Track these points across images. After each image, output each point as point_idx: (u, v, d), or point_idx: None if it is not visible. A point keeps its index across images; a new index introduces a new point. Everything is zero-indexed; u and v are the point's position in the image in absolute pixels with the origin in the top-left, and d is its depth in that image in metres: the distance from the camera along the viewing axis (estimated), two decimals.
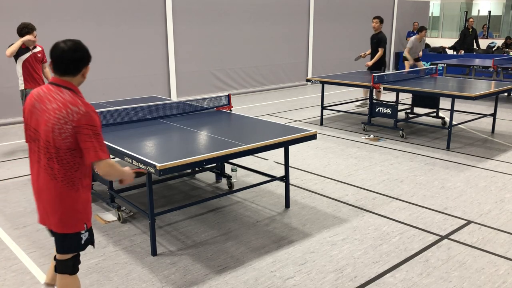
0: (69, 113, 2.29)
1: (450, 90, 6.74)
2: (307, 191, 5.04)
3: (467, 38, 14.31)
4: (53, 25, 8.64)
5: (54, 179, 2.37)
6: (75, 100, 2.33)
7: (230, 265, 3.51)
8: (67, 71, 2.36)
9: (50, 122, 2.31)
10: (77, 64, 2.37)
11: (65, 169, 2.37)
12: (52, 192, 2.39)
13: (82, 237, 2.50)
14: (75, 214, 2.44)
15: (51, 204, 2.42)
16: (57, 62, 2.35)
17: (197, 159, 3.40)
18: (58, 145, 2.32)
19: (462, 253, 3.67)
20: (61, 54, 2.33)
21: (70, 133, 2.30)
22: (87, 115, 2.31)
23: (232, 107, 5.39)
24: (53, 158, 2.35)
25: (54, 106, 2.32)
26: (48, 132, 2.32)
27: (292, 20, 12.81)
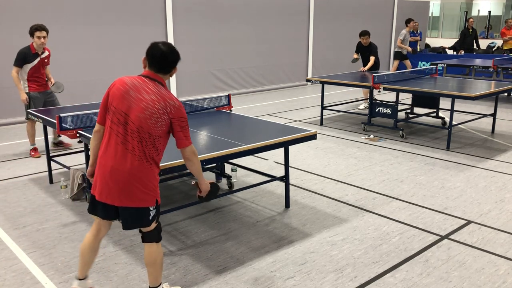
0: (167, 105, 2.66)
1: (450, 90, 6.74)
2: (307, 191, 5.04)
3: (467, 38, 14.32)
4: (53, 25, 8.61)
5: (139, 160, 2.67)
6: (170, 95, 2.71)
7: (230, 265, 3.51)
8: (165, 70, 2.76)
9: (148, 111, 2.63)
10: (172, 65, 2.78)
11: (151, 151, 2.69)
12: (135, 171, 2.66)
13: (150, 213, 2.77)
14: (151, 191, 2.75)
15: (131, 182, 2.66)
16: (156, 61, 2.72)
17: None
18: (151, 131, 2.65)
19: (462, 253, 3.67)
20: (165, 55, 2.72)
21: (165, 122, 2.66)
22: (181, 109, 2.71)
23: (232, 107, 5.39)
24: (142, 141, 2.65)
25: (153, 97, 2.65)
26: (144, 119, 2.63)
27: (292, 20, 12.81)
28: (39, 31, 5.82)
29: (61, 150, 6.44)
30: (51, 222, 4.29)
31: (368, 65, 9.32)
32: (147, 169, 2.70)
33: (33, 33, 5.84)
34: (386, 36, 16.23)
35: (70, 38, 8.87)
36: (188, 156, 2.78)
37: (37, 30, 5.81)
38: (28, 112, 5.45)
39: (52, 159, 5.42)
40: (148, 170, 2.71)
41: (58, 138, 6.62)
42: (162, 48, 2.73)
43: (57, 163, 5.42)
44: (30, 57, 5.96)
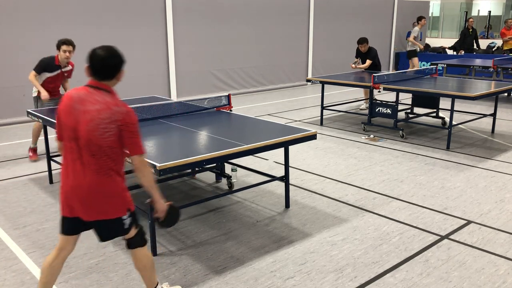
0: (112, 113, 2.51)
1: (450, 90, 6.74)
2: (307, 191, 5.04)
3: (467, 38, 14.32)
4: (53, 26, 8.64)
5: (96, 173, 2.56)
6: (116, 102, 2.56)
7: (230, 265, 3.51)
8: (106, 76, 2.59)
9: (94, 122, 2.50)
10: (114, 70, 2.60)
11: (107, 163, 2.57)
12: (94, 184, 2.57)
13: (124, 222, 2.70)
14: (118, 202, 2.65)
15: (93, 196, 2.58)
16: (97, 68, 2.58)
17: (197, 159, 3.40)
18: (100, 142, 2.52)
19: (462, 253, 3.67)
20: (101, 62, 2.57)
21: (114, 131, 2.52)
22: (129, 115, 2.55)
23: (232, 107, 5.39)
24: (95, 154, 2.54)
25: (98, 107, 2.52)
26: (92, 131, 2.51)
27: (292, 20, 12.80)
28: (66, 45, 5.79)
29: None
30: (51, 222, 4.29)
31: (363, 66, 9.30)
32: (106, 181, 2.58)
33: (60, 46, 5.81)
34: (386, 36, 16.23)
35: (70, 37, 8.86)
36: (137, 166, 2.61)
37: (64, 44, 5.79)
38: (29, 112, 5.44)
39: (52, 159, 5.42)
40: (108, 181, 2.59)
41: None
42: (101, 54, 2.57)
43: (57, 163, 5.42)
44: (51, 68, 5.89)
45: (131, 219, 2.75)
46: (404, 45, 16.78)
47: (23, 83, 8.32)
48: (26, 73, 8.33)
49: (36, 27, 8.45)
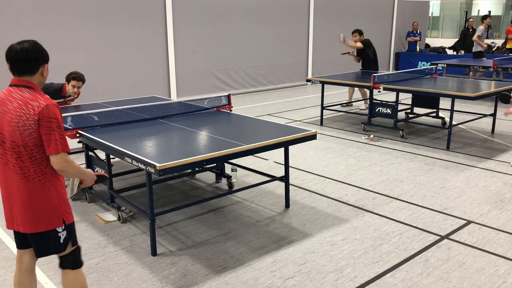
0: (29, 108, 2.31)
1: (450, 90, 6.74)
2: (307, 191, 5.04)
3: (467, 38, 14.32)
4: (52, 26, 8.64)
5: (24, 178, 2.38)
6: (34, 96, 2.35)
7: (230, 265, 3.51)
8: (24, 71, 2.39)
9: (13, 121, 2.33)
10: (33, 64, 2.38)
11: (34, 166, 2.38)
12: (23, 191, 2.39)
13: (60, 235, 2.48)
14: (49, 211, 2.43)
15: (24, 204, 2.40)
16: (13, 63, 2.38)
17: (197, 159, 3.40)
18: (24, 143, 2.34)
19: (462, 253, 3.67)
20: (16, 55, 2.36)
21: (33, 128, 2.32)
22: (47, 108, 2.32)
23: (232, 107, 5.39)
24: (21, 157, 2.36)
25: (15, 105, 2.34)
26: (13, 131, 2.34)
27: (292, 20, 12.80)
28: (76, 81, 5.60)
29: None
30: None
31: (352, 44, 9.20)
32: (36, 188, 2.38)
33: (70, 80, 5.66)
34: (386, 36, 16.23)
35: (70, 38, 8.87)
36: (58, 167, 2.37)
37: (74, 80, 5.61)
38: None
39: None
40: (37, 188, 2.38)
41: None
42: (17, 48, 2.36)
43: None
44: (56, 96, 5.78)
45: (68, 233, 2.51)
46: (403, 45, 16.78)
47: None
48: None
49: (36, 27, 8.45)
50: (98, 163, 4.42)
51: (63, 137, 2.37)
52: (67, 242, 2.53)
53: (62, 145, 2.35)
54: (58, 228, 2.46)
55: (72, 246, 2.57)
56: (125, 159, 3.52)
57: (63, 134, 2.38)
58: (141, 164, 3.34)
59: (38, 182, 2.39)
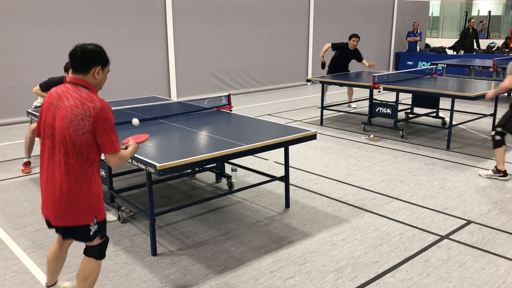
0: (86, 109, 2.42)
1: (450, 90, 6.74)
2: (307, 191, 5.04)
3: (467, 38, 14.34)
4: (53, 26, 8.64)
5: (67, 174, 2.46)
6: (91, 97, 2.46)
7: (230, 265, 3.51)
8: (78, 69, 2.52)
9: (67, 118, 2.42)
10: (85, 63, 2.51)
11: (79, 164, 2.47)
12: (64, 187, 2.47)
13: (90, 229, 2.60)
14: (86, 208, 2.53)
15: (63, 199, 2.49)
16: (70, 60, 2.53)
17: (197, 159, 3.40)
18: (74, 140, 2.43)
19: (462, 253, 3.67)
20: (73, 52, 2.52)
21: (87, 128, 2.42)
22: (104, 110, 2.45)
23: (232, 107, 5.39)
24: (68, 153, 2.45)
25: (72, 103, 2.44)
26: (65, 128, 2.43)
27: (292, 20, 12.81)
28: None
29: None
30: None
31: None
32: (77, 185, 2.48)
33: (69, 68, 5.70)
34: (386, 36, 16.23)
35: (70, 38, 8.87)
36: (113, 164, 2.55)
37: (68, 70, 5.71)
38: (29, 112, 5.44)
39: None
40: (77, 185, 2.48)
41: None
42: (76, 46, 2.53)
43: None
44: None
45: (99, 227, 2.63)
46: (404, 45, 16.78)
47: (23, 83, 8.34)
48: (26, 73, 8.37)
49: (36, 27, 8.45)
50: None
51: (115, 139, 2.52)
52: (96, 236, 2.65)
53: (113, 147, 2.50)
54: (90, 224, 2.58)
55: (100, 239, 2.69)
56: None
57: (116, 135, 2.53)
58: (141, 164, 3.34)
59: (80, 180, 2.48)
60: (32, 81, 8.07)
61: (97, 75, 2.56)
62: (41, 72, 7.95)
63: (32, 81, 8.07)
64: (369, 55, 15.50)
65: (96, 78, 2.56)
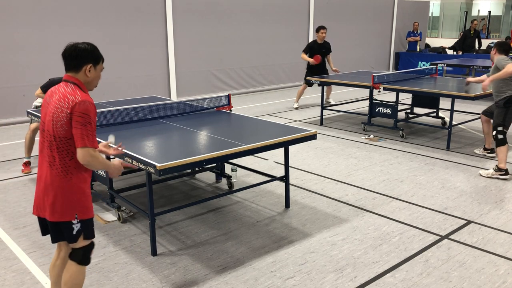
0: (66, 101, 2.45)
1: (450, 90, 6.74)
2: (307, 191, 5.04)
3: (468, 39, 14.34)
4: (53, 26, 8.64)
5: (51, 167, 2.51)
6: (74, 92, 2.49)
7: (230, 265, 3.51)
8: (69, 67, 2.57)
9: (51, 112, 2.49)
10: (76, 61, 2.54)
11: (61, 157, 2.49)
12: (48, 179, 2.51)
13: (73, 227, 2.56)
14: (66, 203, 2.51)
15: (47, 192, 2.52)
16: (63, 58, 2.58)
17: (197, 159, 3.40)
18: (55, 133, 2.47)
19: (462, 253, 3.67)
20: (65, 51, 2.56)
21: (64, 121, 2.44)
22: (82, 104, 2.44)
23: (232, 107, 5.39)
24: (51, 146, 2.50)
25: (56, 97, 2.50)
26: (50, 121, 2.49)
27: (292, 20, 12.81)
28: None
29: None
30: None
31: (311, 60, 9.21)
32: (58, 178, 2.49)
33: None
34: (386, 36, 16.23)
35: (70, 38, 8.84)
36: (84, 161, 2.46)
37: None
38: (29, 112, 5.44)
39: None
40: (60, 178, 2.49)
41: None
42: (68, 45, 2.57)
43: None
44: None
45: (81, 227, 2.58)
46: (404, 45, 16.78)
47: (23, 83, 8.34)
48: (26, 73, 8.38)
49: (36, 27, 8.46)
50: None
51: (92, 133, 2.46)
52: (79, 235, 2.60)
53: (89, 140, 2.44)
54: (73, 220, 2.54)
55: (84, 239, 2.63)
56: (125, 159, 3.52)
57: (93, 131, 2.47)
58: (141, 164, 3.34)
59: (61, 173, 2.50)
60: (32, 81, 8.09)
61: (89, 72, 2.57)
62: (41, 72, 7.96)
63: (32, 81, 8.09)
64: (369, 55, 15.55)
65: (88, 76, 2.57)
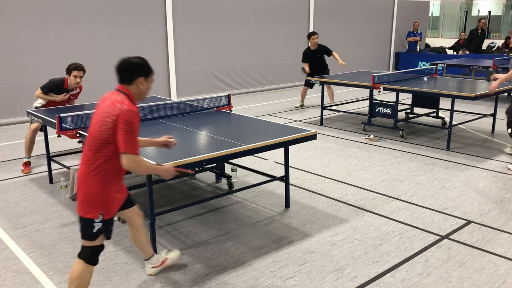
0: (113, 108, 2.62)
1: (450, 90, 6.74)
2: (307, 191, 5.04)
3: (475, 39, 14.32)
4: (53, 26, 8.64)
5: (87, 165, 2.68)
6: (123, 100, 2.66)
7: (230, 265, 3.51)
8: (122, 80, 2.76)
9: (99, 115, 2.67)
10: (129, 75, 2.73)
11: (97, 158, 2.66)
12: (82, 176, 2.70)
13: (94, 225, 2.70)
14: (92, 201, 2.67)
15: (80, 188, 2.71)
16: (116, 71, 2.76)
17: (197, 159, 3.40)
18: (98, 135, 2.64)
19: (462, 253, 3.67)
20: (118, 65, 2.75)
21: (109, 125, 2.61)
22: (127, 112, 2.61)
23: (232, 107, 5.39)
24: (91, 146, 2.67)
25: (107, 103, 2.68)
26: (96, 123, 2.67)
27: (292, 20, 12.80)
28: (77, 71, 5.61)
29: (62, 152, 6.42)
30: (51, 222, 4.29)
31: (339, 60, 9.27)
32: (89, 176, 2.66)
33: (71, 71, 5.65)
34: (386, 36, 16.23)
35: (70, 38, 8.88)
36: (127, 167, 2.66)
37: (75, 70, 5.61)
38: (29, 112, 5.44)
39: (52, 159, 5.42)
40: (90, 177, 2.66)
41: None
42: (122, 59, 2.77)
43: (57, 163, 5.42)
44: (59, 91, 5.72)
45: (103, 226, 2.73)
46: (404, 45, 16.78)
47: (23, 83, 8.34)
48: (26, 73, 8.38)
49: (36, 27, 8.46)
50: None
51: (133, 141, 2.63)
52: (99, 234, 2.74)
53: (130, 147, 2.61)
54: (95, 219, 2.69)
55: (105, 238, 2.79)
56: None
57: (135, 138, 2.64)
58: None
59: (92, 172, 2.66)
60: (32, 81, 8.09)
61: (141, 85, 2.76)
62: (41, 72, 7.96)
63: (32, 81, 8.09)
64: (369, 55, 15.55)
65: (140, 88, 2.76)
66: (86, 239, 2.75)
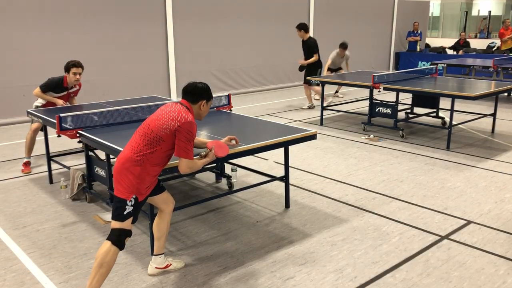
0: (179, 116, 2.98)
1: (450, 90, 6.74)
2: (307, 191, 5.04)
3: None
4: (53, 26, 8.64)
5: (131, 149, 2.97)
6: (187, 113, 3.03)
7: (230, 265, 3.51)
8: (188, 100, 3.14)
9: (162, 115, 3.00)
10: (195, 97, 3.14)
11: (145, 148, 2.95)
12: (123, 159, 2.96)
13: (126, 207, 2.93)
14: (129, 184, 2.93)
15: (117, 169, 2.96)
16: (183, 92, 3.17)
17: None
18: (155, 129, 2.96)
19: (462, 253, 3.67)
20: (186, 87, 3.16)
21: (170, 128, 2.95)
22: (190, 124, 2.98)
23: (232, 107, 5.39)
24: (144, 136, 2.97)
25: (172, 109, 3.04)
26: (157, 120, 2.99)
27: (292, 20, 12.76)
28: (76, 68, 5.60)
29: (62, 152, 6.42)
30: (51, 222, 4.29)
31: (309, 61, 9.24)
32: (131, 162, 2.93)
33: (70, 69, 5.63)
34: (386, 36, 16.23)
35: (70, 38, 8.88)
36: (182, 170, 3.04)
37: (74, 67, 5.60)
38: (29, 112, 5.44)
39: (52, 159, 5.42)
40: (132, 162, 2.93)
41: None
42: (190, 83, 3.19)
43: (57, 163, 5.42)
44: (59, 89, 5.69)
45: (133, 209, 2.96)
46: (404, 45, 16.79)
47: (23, 83, 8.34)
48: (25, 73, 8.38)
49: (35, 27, 8.46)
50: (98, 163, 4.42)
51: (190, 149, 3.00)
52: (129, 217, 2.96)
53: (185, 153, 2.98)
54: (128, 200, 2.93)
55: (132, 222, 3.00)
56: None
57: (192, 146, 3.01)
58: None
59: (135, 158, 2.94)
60: (32, 81, 8.09)
61: (203, 107, 3.17)
62: (41, 72, 7.95)
63: (32, 81, 8.09)
64: (369, 55, 15.55)
65: (201, 109, 3.17)
66: (116, 219, 2.95)
